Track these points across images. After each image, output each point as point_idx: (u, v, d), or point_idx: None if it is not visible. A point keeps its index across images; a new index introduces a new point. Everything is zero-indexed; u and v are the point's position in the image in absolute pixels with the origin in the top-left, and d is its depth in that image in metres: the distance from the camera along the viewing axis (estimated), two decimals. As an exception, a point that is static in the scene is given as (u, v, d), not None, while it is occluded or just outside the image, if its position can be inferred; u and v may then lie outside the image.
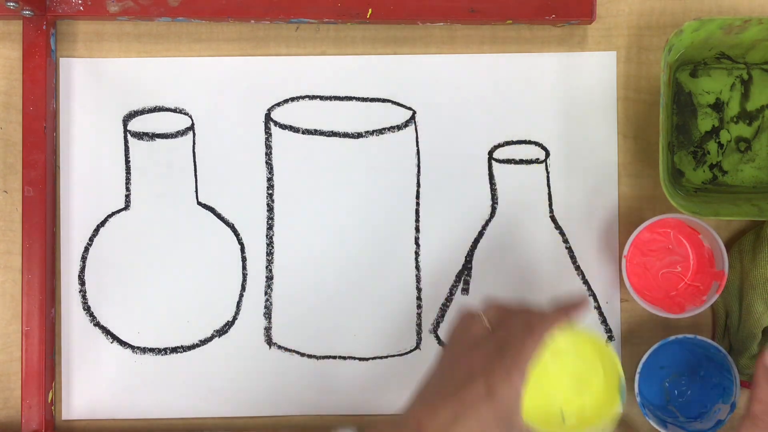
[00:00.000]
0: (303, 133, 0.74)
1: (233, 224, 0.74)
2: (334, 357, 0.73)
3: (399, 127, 0.74)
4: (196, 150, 0.74)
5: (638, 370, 0.68)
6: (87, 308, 0.73)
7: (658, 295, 0.72)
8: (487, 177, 0.74)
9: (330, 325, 0.73)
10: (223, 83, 0.74)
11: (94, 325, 0.73)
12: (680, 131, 0.74)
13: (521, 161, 0.74)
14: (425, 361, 0.73)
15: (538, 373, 0.58)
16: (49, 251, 0.71)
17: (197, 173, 0.74)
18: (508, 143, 0.74)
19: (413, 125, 0.74)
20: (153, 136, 0.74)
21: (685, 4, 0.74)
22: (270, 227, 0.74)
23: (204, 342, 0.73)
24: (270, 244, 0.74)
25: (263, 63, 0.74)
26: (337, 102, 0.74)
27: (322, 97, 0.74)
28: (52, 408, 0.72)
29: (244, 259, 0.74)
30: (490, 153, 0.74)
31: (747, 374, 0.70)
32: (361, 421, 0.73)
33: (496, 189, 0.74)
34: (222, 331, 0.73)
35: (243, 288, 0.74)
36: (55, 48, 0.73)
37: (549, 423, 0.60)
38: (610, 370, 0.61)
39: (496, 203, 0.74)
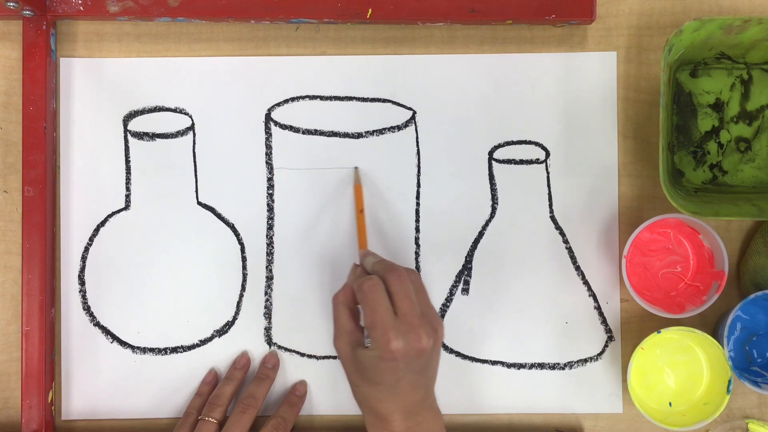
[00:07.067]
0: (303, 133, 0.74)
1: (233, 224, 0.74)
2: (334, 357, 0.73)
3: (399, 127, 0.74)
4: (196, 150, 0.74)
5: (725, 334, 0.69)
6: (87, 308, 0.73)
7: (658, 295, 0.72)
8: (487, 177, 0.74)
9: (330, 325, 0.73)
10: (223, 83, 0.74)
11: (94, 325, 0.73)
12: (680, 131, 0.74)
13: (521, 161, 0.74)
14: (425, 361, 0.73)
15: (647, 366, 0.71)
16: (49, 251, 0.71)
17: (197, 173, 0.74)
18: (508, 143, 0.74)
19: (413, 125, 0.74)
20: (153, 136, 0.74)
21: (685, 4, 0.74)
22: (270, 227, 0.74)
23: (204, 342, 0.73)
24: (270, 244, 0.74)
25: (263, 63, 0.74)
26: (337, 102, 0.74)
27: (322, 97, 0.74)
28: (52, 408, 0.72)
29: (244, 259, 0.74)
30: (490, 153, 0.74)
31: None
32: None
33: (496, 189, 0.74)
34: (222, 331, 0.73)
35: (243, 288, 0.74)
36: (55, 48, 0.73)
37: (658, 413, 0.70)
38: (717, 365, 0.69)
39: (496, 203, 0.74)
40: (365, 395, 0.63)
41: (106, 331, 0.73)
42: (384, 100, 0.74)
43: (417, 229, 0.74)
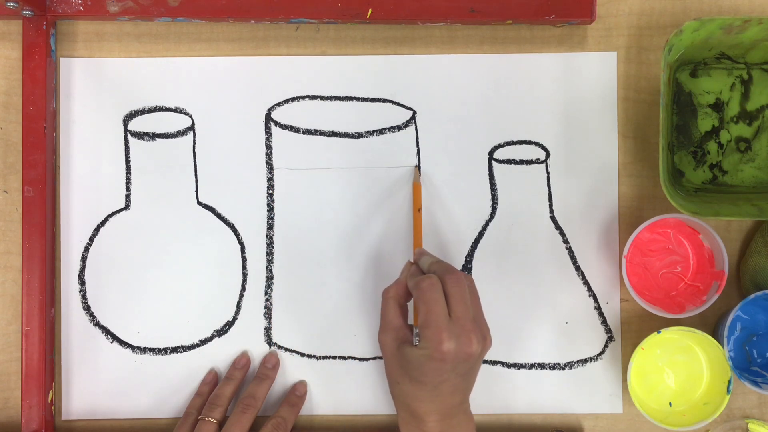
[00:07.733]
0: (303, 133, 0.74)
1: (233, 224, 0.74)
2: (334, 357, 0.73)
3: (399, 127, 0.74)
4: (196, 150, 0.74)
5: (725, 334, 0.69)
6: (87, 308, 0.73)
7: (658, 295, 0.72)
8: (487, 177, 0.74)
9: (330, 325, 0.73)
10: (223, 83, 0.74)
11: (94, 325, 0.73)
12: (680, 131, 0.74)
13: (521, 161, 0.74)
14: (425, 361, 0.73)
15: (647, 366, 0.71)
16: (49, 251, 0.71)
17: (197, 173, 0.74)
18: (508, 143, 0.74)
19: (413, 125, 0.74)
20: (153, 136, 0.74)
21: (685, 4, 0.74)
22: (270, 227, 0.74)
23: (204, 342, 0.73)
24: (270, 244, 0.74)
25: (263, 63, 0.74)
26: (337, 102, 0.74)
27: (322, 97, 0.74)
28: (52, 408, 0.72)
29: (244, 259, 0.74)
30: (490, 153, 0.74)
31: None
32: (362, 421, 0.73)
33: (496, 189, 0.74)
34: (222, 331, 0.73)
35: (243, 288, 0.74)
36: (55, 48, 0.73)
37: (658, 413, 0.70)
38: (717, 365, 0.69)
39: (496, 203, 0.74)
40: (404, 393, 0.63)
41: (106, 331, 0.73)
42: (384, 100, 0.74)
43: (417, 229, 0.74)
